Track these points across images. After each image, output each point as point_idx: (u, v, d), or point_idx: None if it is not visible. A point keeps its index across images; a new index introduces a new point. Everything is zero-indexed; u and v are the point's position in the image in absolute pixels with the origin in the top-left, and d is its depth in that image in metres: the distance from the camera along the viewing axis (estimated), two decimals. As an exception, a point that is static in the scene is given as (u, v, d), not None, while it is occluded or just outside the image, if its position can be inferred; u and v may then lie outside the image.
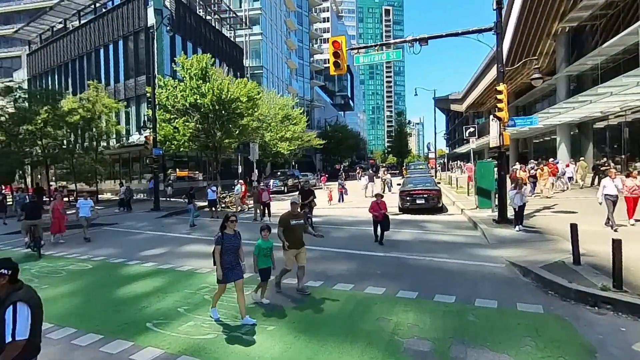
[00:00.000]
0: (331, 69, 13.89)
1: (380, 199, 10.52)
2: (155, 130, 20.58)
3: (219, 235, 5.70)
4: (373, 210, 10.52)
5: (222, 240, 5.65)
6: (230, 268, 5.68)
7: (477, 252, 9.48)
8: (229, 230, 5.76)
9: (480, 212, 14.41)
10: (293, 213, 7.05)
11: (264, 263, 6.43)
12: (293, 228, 6.90)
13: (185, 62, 22.96)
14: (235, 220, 5.81)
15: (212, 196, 17.48)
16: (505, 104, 11.56)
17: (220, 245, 5.61)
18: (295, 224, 6.92)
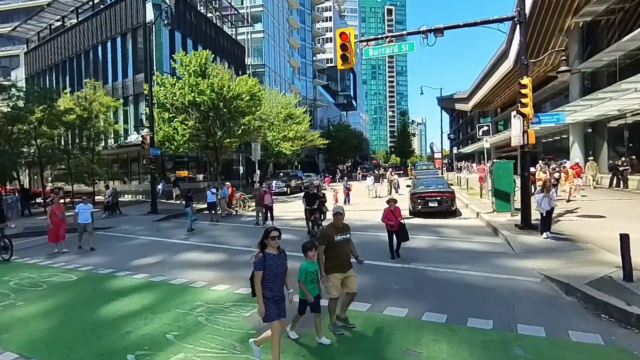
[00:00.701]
0: (338, 62, 12.95)
1: (393, 205, 9.16)
2: (152, 129, 19.68)
3: (259, 257, 4.33)
4: (387, 219, 9.08)
5: (265, 263, 4.29)
6: (275, 301, 4.36)
7: (503, 262, 8.52)
8: (272, 249, 4.42)
9: (498, 216, 13.43)
10: (337, 226, 5.57)
11: (312, 291, 4.99)
12: (337, 245, 5.43)
13: (183, 59, 22.06)
14: (279, 236, 4.43)
15: (211, 198, 16.57)
16: (530, 98, 10.59)
17: (261, 271, 4.26)
18: (340, 240, 5.46)
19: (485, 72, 43.08)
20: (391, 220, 9.08)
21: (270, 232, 4.43)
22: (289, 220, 16.29)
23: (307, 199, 12.82)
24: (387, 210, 9.17)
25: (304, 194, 13.09)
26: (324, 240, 5.36)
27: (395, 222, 9.03)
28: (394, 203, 9.23)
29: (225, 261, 9.73)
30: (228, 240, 12.50)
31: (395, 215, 9.08)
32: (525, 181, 10.99)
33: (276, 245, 4.44)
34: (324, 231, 5.58)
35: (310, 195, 12.92)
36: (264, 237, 4.45)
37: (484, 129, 17.53)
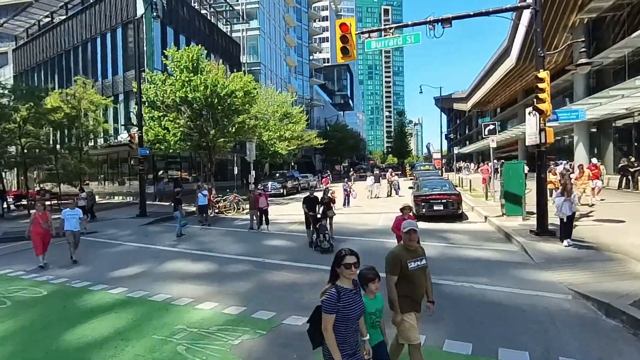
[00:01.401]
0: (338, 55, 12.05)
1: (408, 213, 7.71)
2: (141, 128, 18.68)
3: (331, 293, 2.94)
4: (398, 228, 7.59)
5: (339, 301, 2.92)
6: (350, 353, 2.99)
7: (524, 274, 7.65)
8: (346, 282, 3.04)
9: (509, 221, 12.59)
10: (409, 248, 3.88)
11: (375, 337, 3.37)
12: (412, 275, 3.82)
13: (174, 54, 21.06)
14: (357, 263, 3.03)
15: (202, 201, 15.61)
16: (548, 93, 9.73)
17: (334, 314, 2.90)
18: (415, 268, 3.84)
19: (486, 71, 42.35)
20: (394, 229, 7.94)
21: (345, 257, 3.02)
22: (286, 224, 15.38)
23: (307, 204, 11.27)
24: (401, 218, 7.69)
25: (305, 199, 11.47)
26: (395, 268, 3.77)
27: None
28: (408, 211, 7.76)
29: (215, 272, 8.80)
30: (219, 247, 11.56)
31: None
32: (542, 183, 10.12)
33: (352, 277, 3.07)
34: (395, 256, 3.85)
35: (312, 200, 11.44)
36: (335, 263, 3.09)
37: (489, 128, 16.68)
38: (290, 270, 8.69)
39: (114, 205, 24.48)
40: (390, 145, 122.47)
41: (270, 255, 10.20)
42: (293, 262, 9.38)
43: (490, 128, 16.68)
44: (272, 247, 11.34)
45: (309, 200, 11.43)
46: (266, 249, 11.10)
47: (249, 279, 8.15)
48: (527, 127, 10.55)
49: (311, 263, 9.17)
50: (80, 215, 10.68)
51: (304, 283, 7.72)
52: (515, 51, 30.52)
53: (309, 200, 11.43)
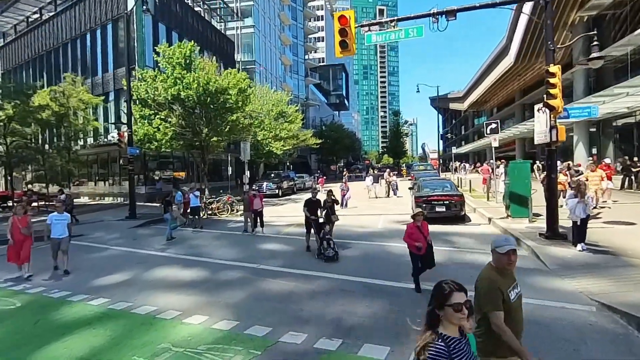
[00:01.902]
0: (337, 49, 11.50)
1: (421, 220, 7.01)
2: (130, 126, 17.97)
3: (438, 347, 2.14)
4: (413, 238, 6.82)
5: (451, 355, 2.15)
6: None
7: (540, 282, 7.11)
8: (452, 329, 2.27)
9: (514, 223, 12.07)
10: (504, 270, 3.03)
11: None
12: (513, 307, 2.99)
13: (166, 50, 20.36)
14: (468, 301, 2.29)
15: (194, 202, 14.95)
16: (559, 89, 9.23)
17: None
18: (516, 299, 3.04)
19: (483, 70, 42.00)
20: (419, 240, 6.83)
21: (451, 294, 2.25)
22: (281, 227, 14.76)
23: (309, 207, 10.38)
24: (413, 226, 6.96)
25: (306, 201, 10.57)
26: (499, 300, 2.88)
27: (424, 243, 6.87)
28: (421, 217, 7.03)
29: (205, 280, 8.16)
30: (211, 252, 10.92)
31: (424, 233, 6.96)
32: (552, 184, 9.60)
33: (463, 321, 2.26)
34: (493, 284, 2.94)
35: (314, 203, 10.51)
36: (435, 303, 2.31)
37: (492, 127, 16.17)
38: (287, 277, 8.09)
39: (104, 207, 23.71)
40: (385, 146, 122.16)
41: (266, 260, 9.59)
42: (290, 268, 8.77)
43: (492, 127, 16.18)
44: (268, 252, 10.73)
45: (311, 203, 10.53)
46: (261, 254, 10.48)
47: (242, 287, 7.54)
48: (537, 125, 10.03)
49: (309, 269, 8.57)
50: (68, 221, 9.47)
51: (302, 292, 7.12)
52: (514, 49, 30.14)
53: (310, 203, 10.53)
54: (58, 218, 9.27)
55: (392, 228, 13.43)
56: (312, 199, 10.63)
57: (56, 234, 9.14)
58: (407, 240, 6.98)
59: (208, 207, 18.25)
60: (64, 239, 9.22)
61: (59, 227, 9.21)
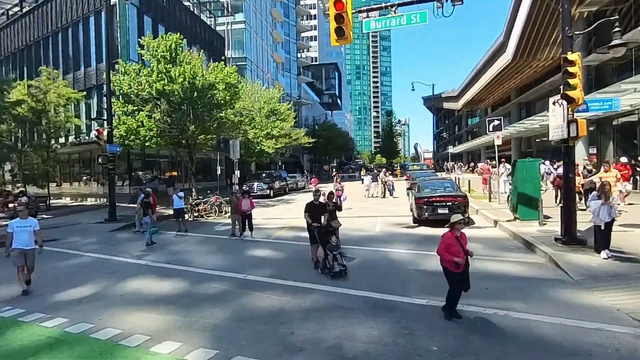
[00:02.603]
0: (332, 37, 10.53)
1: (460, 229, 5.54)
2: (110, 122, 16.83)
3: None
4: (449, 250, 5.35)
5: None
6: None
7: (567, 296, 6.22)
8: None
9: (523, 226, 11.22)
10: None
11: None
12: None
13: (151, 43, 19.23)
14: None
15: (179, 204, 13.85)
16: (579, 78, 8.35)
17: None
18: None
19: (479, 68, 41.34)
20: (458, 254, 5.31)
21: None
22: (272, 230, 13.75)
23: (311, 212, 8.73)
24: (451, 236, 5.44)
25: (307, 206, 8.90)
26: None
27: (464, 257, 5.37)
28: (461, 226, 5.54)
29: (183, 294, 7.13)
30: (193, 259, 9.87)
31: (463, 246, 5.45)
32: (570, 184, 8.73)
33: None
34: None
35: (316, 208, 8.81)
36: None
37: (494, 124, 15.36)
38: (276, 291, 7.09)
39: (85, 208, 22.48)
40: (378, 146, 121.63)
41: (253, 269, 8.58)
42: (280, 279, 7.78)
43: (495, 124, 15.37)
44: (256, 259, 9.72)
45: (313, 207, 8.84)
46: (249, 262, 9.47)
47: (224, 303, 6.53)
48: (552, 119, 9.16)
49: (302, 281, 7.57)
50: (35, 227, 7.72)
51: (294, 310, 6.13)
52: (512, 46, 29.46)
53: (312, 207, 8.84)
54: (21, 224, 7.65)
55: (390, 232, 12.51)
56: (314, 203, 8.97)
57: (20, 244, 7.47)
58: (443, 254, 5.43)
59: (194, 209, 17.15)
60: (29, 252, 7.55)
61: (24, 235, 7.55)
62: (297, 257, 9.63)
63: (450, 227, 5.53)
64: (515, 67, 33.33)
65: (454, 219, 5.56)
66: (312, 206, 8.87)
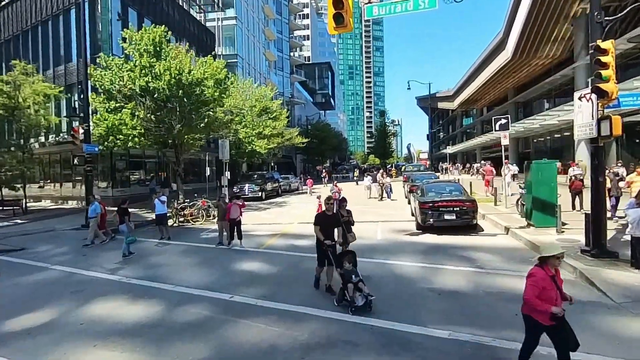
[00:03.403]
0: (330, 25, 9.45)
1: (555, 266, 3.79)
2: (88, 120, 15.55)
3: None
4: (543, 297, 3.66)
5: None
6: None
7: (615, 326, 5.21)
8: None
9: (539, 234, 10.23)
10: None
11: None
12: None
13: (133, 35, 17.98)
14: None
15: (161, 209, 12.62)
16: (612, 69, 7.36)
17: None
18: None
19: (476, 67, 40.54)
20: (555, 301, 3.69)
21: None
22: (263, 237, 12.61)
23: (322, 225, 6.86)
24: (544, 275, 3.71)
25: (317, 218, 7.06)
26: None
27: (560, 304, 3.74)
28: (558, 261, 3.80)
29: (157, 322, 5.98)
30: (174, 274, 8.70)
31: (561, 289, 3.81)
32: (600, 188, 7.75)
33: None
34: None
35: (329, 219, 7.01)
36: None
37: (501, 122, 14.41)
38: (268, 316, 5.98)
39: (63, 212, 21.08)
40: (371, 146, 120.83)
41: (242, 288, 7.45)
42: (272, 301, 6.66)
43: (502, 122, 14.41)
44: (245, 275, 8.57)
45: (326, 219, 6.97)
46: (236, 277, 8.33)
47: (204, 336, 5.39)
48: (577, 117, 8.17)
49: (297, 303, 6.46)
50: None
51: (289, 346, 5.01)
52: (512, 43, 28.67)
53: (324, 219, 6.97)
54: None
55: (393, 240, 11.45)
56: (326, 213, 7.06)
57: None
58: (533, 301, 3.64)
59: (179, 214, 15.94)
60: None
61: None
62: (291, 272, 8.53)
63: (542, 262, 3.77)
64: (514, 65, 32.57)
65: (551, 251, 3.73)
66: (324, 218, 6.97)
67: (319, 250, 6.91)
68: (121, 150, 21.06)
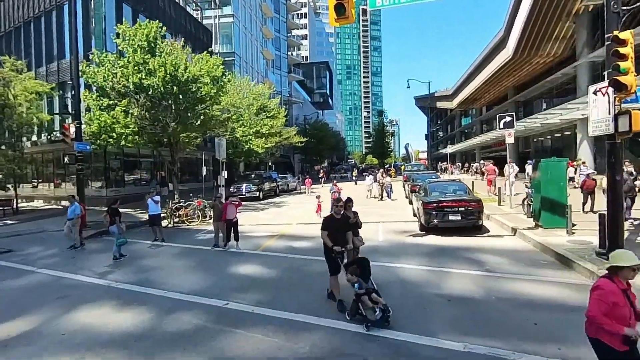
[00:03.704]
0: (331, 16, 9.10)
1: (627, 278, 3.05)
2: (79, 117, 15.06)
3: None
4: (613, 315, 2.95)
5: None
6: None
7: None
8: None
9: (549, 235, 9.83)
10: None
11: None
12: None
13: (127, 31, 17.49)
14: None
15: (154, 209, 12.15)
16: (632, 61, 6.97)
17: None
18: None
19: (476, 65, 40.17)
20: (628, 320, 3.01)
21: None
22: (261, 239, 12.16)
23: (331, 229, 6.22)
24: (614, 289, 3.01)
25: (325, 221, 6.41)
26: None
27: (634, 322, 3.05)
28: (634, 273, 3.04)
29: (146, 332, 5.53)
30: (166, 279, 8.25)
31: (635, 306, 3.07)
32: (617, 188, 7.35)
33: None
34: None
35: (337, 222, 6.36)
36: None
37: (506, 120, 14.00)
38: (266, 326, 5.53)
39: (56, 212, 20.52)
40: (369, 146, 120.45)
41: (238, 293, 7.01)
42: (270, 308, 6.21)
43: (506, 120, 14.01)
44: (242, 279, 8.13)
45: (334, 222, 6.32)
46: (232, 282, 7.89)
47: (197, 348, 4.95)
48: (592, 112, 7.78)
49: (297, 310, 6.01)
50: None
51: (289, 360, 4.57)
52: (513, 41, 28.31)
53: (333, 222, 6.31)
54: None
55: (396, 241, 11.03)
56: (334, 217, 6.42)
57: None
58: (600, 319, 2.97)
59: (174, 214, 15.47)
60: None
61: None
62: (290, 276, 8.10)
63: (612, 273, 3.08)
64: (515, 64, 32.21)
65: (625, 260, 3.02)
66: (332, 222, 6.30)
67: (328, 258, 6.22)
68: (115, 149, 20.57)
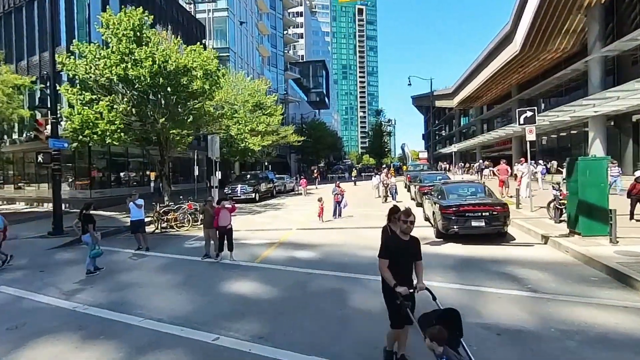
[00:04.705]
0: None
1: None
2: (55, 112, 13.63)
3: None
4: None
5: None
6: None
7: None
8: None
9: (589, 244, 8.58)
10: None
11: None
12: None
13: (111, 19, 16.08)
14: None
15: (137, 215, 10.76)
16: None
17: None
18: None
19: (479, 62, 38.99)
20: None
21: None
22: (258, 248, 10.80)
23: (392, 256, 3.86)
24: None
25: (385, 242, 4.05)
26: None
27: None
28: None
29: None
30: (146, 299, 6.88)
31: None
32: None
33: None
34: None
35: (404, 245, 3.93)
36: None
37: (526, 115, 12.77)
38: None
39: (36, 216, 19.06)
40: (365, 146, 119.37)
41: (231, 322, 5.65)
42: (272, 343, 4.87)
43: (527, 115, 12.77)
44: (236, 300, 6.77)
45: (396, 245, 3.94)
46: (224, 304, 6.54)
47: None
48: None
49: (309, 348, 4.67)
50: None
51: None
52: (521, 36, 27.16)
53: (395, 245, 3.94)
54: None
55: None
56: (400, 238, 4.00)
57: None
58: None
59: (162, 218, 14.08)
60: None
61: None
62: (294, 296, 6.79)
63: None
64: (522, 60, 31.06)
65: None
66: (396, 245, 3.94)
67: (390, 302, 3.92)
68: (100, 147, 19.14)
